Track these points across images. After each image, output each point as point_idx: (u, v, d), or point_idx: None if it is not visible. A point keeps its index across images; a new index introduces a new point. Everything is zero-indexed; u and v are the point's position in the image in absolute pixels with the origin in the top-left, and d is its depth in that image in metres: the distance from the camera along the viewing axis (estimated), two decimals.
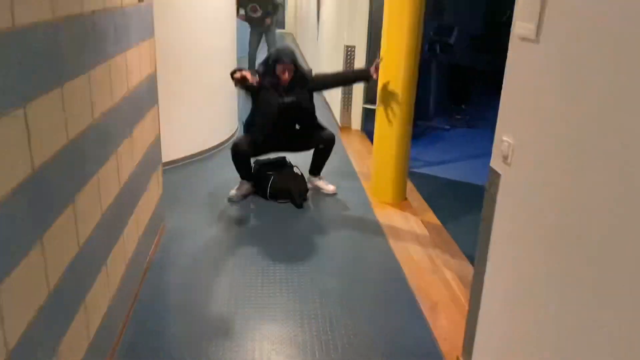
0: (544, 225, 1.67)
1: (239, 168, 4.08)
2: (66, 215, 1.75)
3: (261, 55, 8.25)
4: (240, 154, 3.99)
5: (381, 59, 3.82)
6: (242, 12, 7.86)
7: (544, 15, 1.68)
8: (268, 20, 7.99)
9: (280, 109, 3.93)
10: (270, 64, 3.93)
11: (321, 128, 4.20)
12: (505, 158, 1.95)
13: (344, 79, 4.48)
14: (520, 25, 1.82)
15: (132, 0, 2.64)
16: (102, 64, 2.14)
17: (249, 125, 4.12)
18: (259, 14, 7.87)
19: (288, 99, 3.95)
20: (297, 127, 4.16)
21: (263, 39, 8.28)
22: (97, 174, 2.08)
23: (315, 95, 4.19)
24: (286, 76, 3.89)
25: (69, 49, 1.77)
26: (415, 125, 6.96)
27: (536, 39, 1.72)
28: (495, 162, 2.06)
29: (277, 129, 4.01)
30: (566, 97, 1.55)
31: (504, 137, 1.96)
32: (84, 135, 1.92)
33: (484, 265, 2.19)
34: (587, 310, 1.40)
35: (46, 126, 1.59)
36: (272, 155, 4.36)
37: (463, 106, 7.88)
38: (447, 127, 7.47)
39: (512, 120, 1.94)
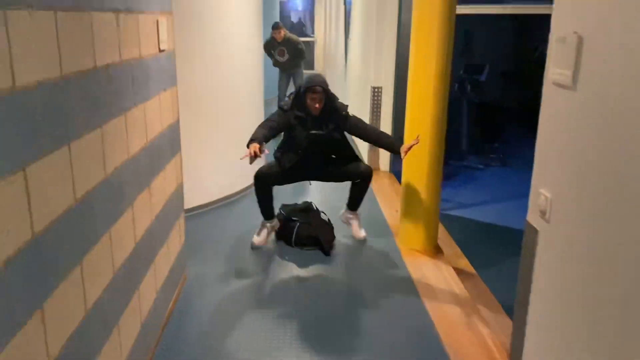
0: (585, 288, 1.49)
1: (260, 199, 3.85)
2: (71, 280, 1.66)
3: None
4: (262, 180, 3.78)
5: (418, 141, 3.50)
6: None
7: (580, 62, 1.54)
8: (295, 63, 8.04)
9: (310, 141, 3.72)
10: (300, 93, 3.69)
11: (357, 160, 3.96)
12: (543, 213, 1.79)
13: (376, 139, 3.95)
14: (555, 71, 1.69)
15: (152, 50, 2.61)
16: (117, 118, 2.08)
17: (277, 155, 3.93)
18: (286, 57, 7.92)
19: (318, 132, 3.70)
20: (333, 156, 3.94)
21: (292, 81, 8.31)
22: (109, 232, 2.00)
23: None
24: (317, 105, 3.64)
25: (78, 105, 1.71)
26: (447, 164, 6.81)
27: (573, 86, 1.58)
28: (532, 217, 1.89)
29: (306, 157, 3.78)
30: (605, 149, 1.40)
31: (541, 190, 1.80)
32: (94, 193, 1.84)
33: (524, 326, 2.00)
34: None
35: (49, 188, 1.51)
36: (300, 201, 4.24)
37: (496, 144, 7.69)
38: (481, 166, 7.28)
39: (549, 172, 1.78)
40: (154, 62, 2.64)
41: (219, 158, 4.80)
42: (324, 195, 5.22)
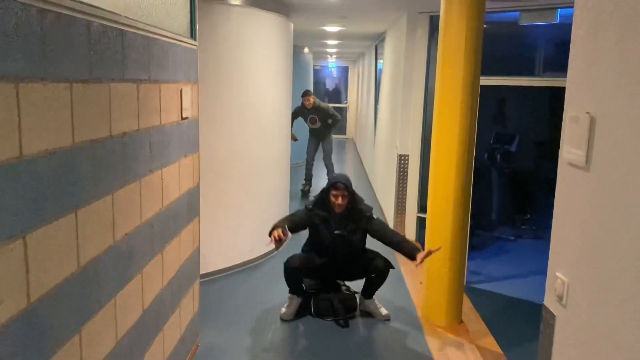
0: None
1: (290, 283, 3.92)
2: (68, 349, 1.62)
3: (318, 161, 8.38)
4: (292, 272, 3.86)
5: (438, 249, 3.48)
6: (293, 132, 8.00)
7: (593, 142, 1.49)
8: (327, 130, 8.18)
9: (335, 241, 3.80)
10: (325, 189, 3.83)
11: (371, 257, 3.93)
12: (560, 298, 1.69)
13: (396, 244, 3.85)
14: (569, 150, 1.64)
15: (174, 117, 2.68)
16: (130, 184, 2.11)
17: (306, 249, 4.02)
18: (318, 125, 8.04)
19: (341, 232, 3.79)
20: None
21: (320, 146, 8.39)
22: (114, 299, 1.98)
23: (363, 195, 4.04)
24: (340, 202, 3.72)
25: (88, 173, 1.74)
26: (476, 235, 6.65)
27: (586, 167, 1.53)
28: (549, 301, 1.78)
29: (333, 256, 3.85)
30: (620, 232, 1.32)
31: (558, 273, 1.71)
32: (100, 260, 1.84)
33: None
34: None
35: (51, 255, 1.51)
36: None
37: (528, 215, 7.49)
38: (512, 237, 7.08)
39: (565, 255, 1.69)
40: (175, 129, 2.70)
41: (242, 222, 4.81)
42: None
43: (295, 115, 7.79)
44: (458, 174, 3.67)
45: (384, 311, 3.99)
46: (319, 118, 7.98)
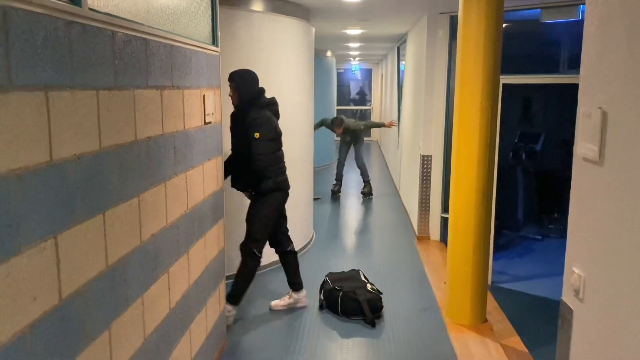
0: None
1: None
2: (98, 345, 1.70)
3: (349, 162, 8.53)
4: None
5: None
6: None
7: (605, 137, 1.50)
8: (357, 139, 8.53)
9: None
10: None
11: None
12: (577, 292, 1.70)
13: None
14: (583, 145, 1.65)
15: (197, 122, 2.76)
16: (156, 187, 2.19)
17: None
18: (347, 138, 8.40)
19: None
20: None
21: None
22: (142, 297, 2.06)
23: (388, 197, 4.05)
24: None
25: (115, 176, 1.82)
26: (501, 235, 6.59)
27: (600, 162, 1.54)
28: (566, 296, 1.80)
29: None
30: (636, 227, 1.33)
31: (574, 268, 1.72)
32: (127, 259, 1.92)
33: None
34: None
35: (81, 254, 1.59)
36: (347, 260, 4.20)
37: (555, 214, 7.40)
38: (539, 237, 7.00)
39: (581, 249, 1.70)
40: (199, 133, 2.78)
41: None
42: (370, 259, 5.16)
43: (322, 124, 8.11)
44: (479, 173, 3.67)
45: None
46: (351, 136, 8.34)
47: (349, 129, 8.19)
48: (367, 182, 8.47)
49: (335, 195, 8.52)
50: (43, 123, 1.40)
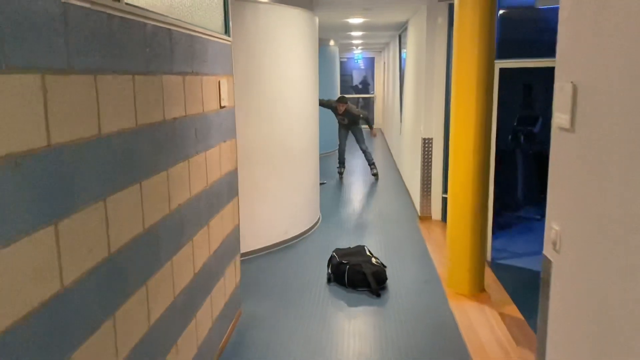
0: (594, 314, 1.63)
1: None
2: (138, 296, 1.96)
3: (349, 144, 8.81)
4: None
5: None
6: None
7: (576, 107, 1.74)
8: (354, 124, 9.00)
9: None
10: None
11: None
12: (554, 245, 1.94)
13: None
14: (558, 115, 1.89)
15: (214, 106, 3.00)
16: (181, 163, 2.44)
17: None
18: (345, 121, 8.95)
19: None
20: None
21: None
22: (171, 261, 2.31)
23: (391, 180, 4.30)
24: None
25: (148, 151, 2.07)
26: (501, 215, 6.81)
27: (571, 129, 1.78)
28: (547, 250, 2.04)
29: None
30: (602, 183, 1.57)
31: (552, 224, 1.96)
32: (160, 225, 2.17)
33: (544, 343, 2.12)
34: None
35: (123, 216, 1.84)
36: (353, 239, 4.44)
37: None
38: (538, 216, 7.22)
39: (558, 208, 1.94)
40: (215, 116, 3.03)
41: (276, 205, 5.14)
42: (374, 237, 5.42)
43: (324, 105, 8.46)
44: (476, 154, 3.91)
45: None
46: (348, 120, 8.83)
47: (349, 112, 8.68)
48: (371, 163, 8.97)
49: (341, 176, 9.10)
50: (93, 102, 1.65)
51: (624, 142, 1.44)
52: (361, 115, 8.80)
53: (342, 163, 9.26)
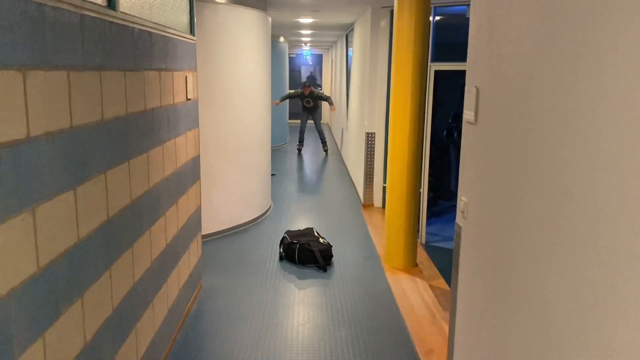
0: (489, 264, 2.17)
1: None
2: (127, 256, 2.36)
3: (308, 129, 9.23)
4: None
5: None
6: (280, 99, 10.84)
7: (479, 105, 2.27)
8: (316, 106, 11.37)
9: None
10: None
11: None
12: (463, 213, 2.48)
13: None
14: (467, 112, 2.42)
15: (182, 98, 3.40)
16: (157, 147, 2.83)
17: None
18: (310, 104, 11.21)
19: None
20: None
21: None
22: (150, 230, 2.71)
23: (337, 172, 4.81)
24: None
25: (135, 135, 2.46)
26: (436, 204, 7.46)
27: (475, 123, 2.31)
28: (458, 218, 2.58)
29: None
30: (497, 163, 2.10)
31: (462, 196, 2.50)
32: (141, 199, 2.57)
33: (456, 294, 2.65)
34: (527, 329, 1.87)
35: (118, 188, 2.24)
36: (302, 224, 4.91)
37: None
38: None
39: (466, 184, 2.48)
40: (183, 108, 3.42)
41: (230, 192, 5.54)
42: (322, 223, 5.92)
43: (290, 96, 11.02)
44: (411, 147, 4.46)
45: None
46: (313, 101, 10.98)
47: (313, 93, 10.95)
48: (324, 142, 11.44)
49: (300, 153, 11.44)
50: (98, 93, 2.04)
51: (506, 131, 1.97)
52: (321, 96, 11.10)
53: (301, 141, 11.63)
